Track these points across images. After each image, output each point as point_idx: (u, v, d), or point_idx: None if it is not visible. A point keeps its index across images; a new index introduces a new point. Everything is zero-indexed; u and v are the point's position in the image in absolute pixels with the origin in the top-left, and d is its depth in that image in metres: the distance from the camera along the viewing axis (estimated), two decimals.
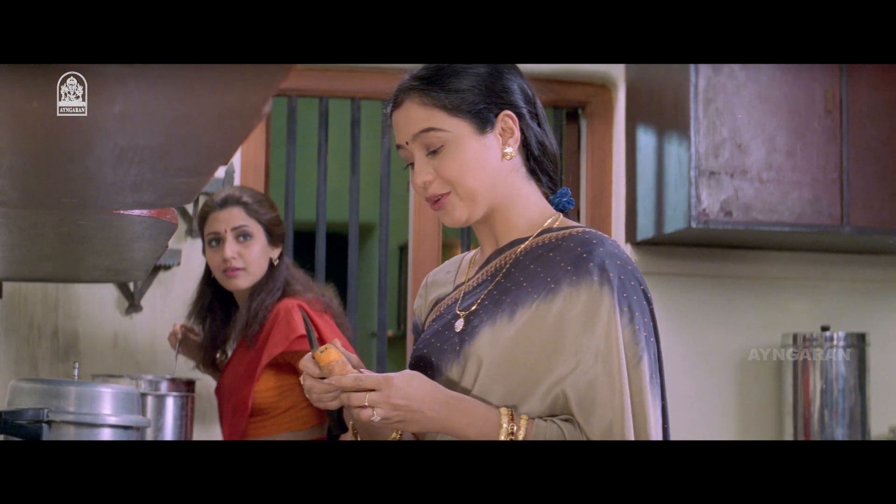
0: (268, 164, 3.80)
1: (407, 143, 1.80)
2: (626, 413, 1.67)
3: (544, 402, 1.71)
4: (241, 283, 2.95)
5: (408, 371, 1.70)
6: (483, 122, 1.78)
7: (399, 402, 1.64)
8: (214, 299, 3.08)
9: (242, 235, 2.94)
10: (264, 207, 2.98)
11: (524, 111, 1.82)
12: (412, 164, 1.82)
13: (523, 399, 1.72)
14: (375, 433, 1.83)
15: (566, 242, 1.77)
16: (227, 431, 2.95)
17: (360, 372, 1.69)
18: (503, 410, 1.70)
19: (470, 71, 1.80)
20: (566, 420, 1.70)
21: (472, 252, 1.96)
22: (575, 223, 1.84)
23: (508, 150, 1.80)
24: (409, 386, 1.66)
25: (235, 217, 2.95)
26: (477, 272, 1.87)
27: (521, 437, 1.67)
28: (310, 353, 1.72)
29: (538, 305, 1.73)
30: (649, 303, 1.77)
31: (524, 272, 1.78)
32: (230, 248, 2.93)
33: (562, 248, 1.77)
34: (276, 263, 2.98)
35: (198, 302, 3.10)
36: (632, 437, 1.67)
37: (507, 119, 1.80)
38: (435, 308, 1.91)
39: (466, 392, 1.74)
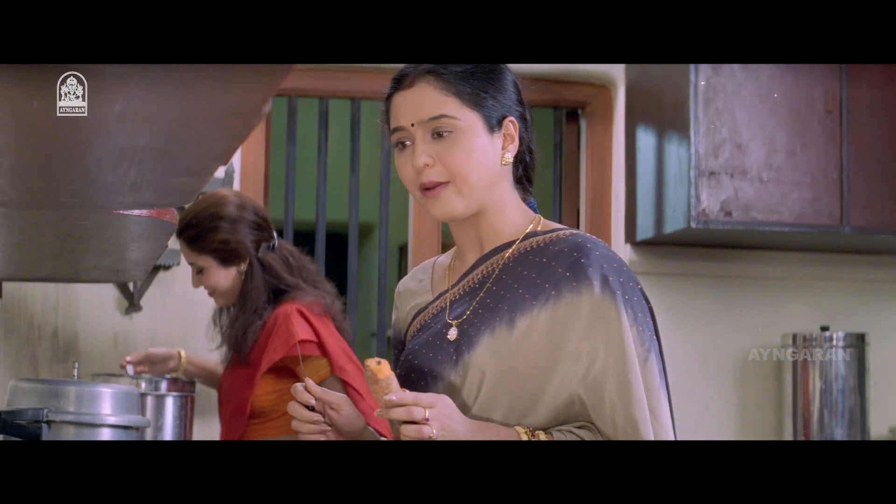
0: (268, 164, 3.80)
1: (412, 125, 1.76)
2: (645, 410, 1.68)
3: (550, 407, 1.71)
4: (219, 302, 3.02)
5: (443, 395, 1.69)
6: (492, 122, 1.77)
7: (446, 421, 1.65)
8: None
9: (197, 269, 2.97)
10: (206, 234, 2.92)
11: (520, 118, 1.82)
12: (402, 145, 1.78)
13: (528, 406, 1.71)
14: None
15: (557, 246, 1.77)
16: (225, 433, 2.95)
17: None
18: (519, 430, 1.70)
19: (485, 68, 1.78)
20: (581, 427, 1.70)
21: (445, 257, 1.94)
22: (558, 225, 1.84)
23: (508, 156, 1.79)
24: (448, 406, 1.66)
25: (186, 253, 2.99)
26: (461, 279, 1.84)
27: None
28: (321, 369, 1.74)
29: (539, 313, 1.72)
30: (648, 302, 1.77)
31: (517, 279, 1.77)
32: (193, 280, 3.01)
33: (555, 254, 1.76)
34: (243, 275, 2.95)
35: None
36: (650, 434, 1.68)
37: (510, 125, 1.79)
38: (417, 318, 1.88)
39: (469, 402, 1.74)
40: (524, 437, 1.68)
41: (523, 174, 1.85)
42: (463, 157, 1.74)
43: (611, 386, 1.68)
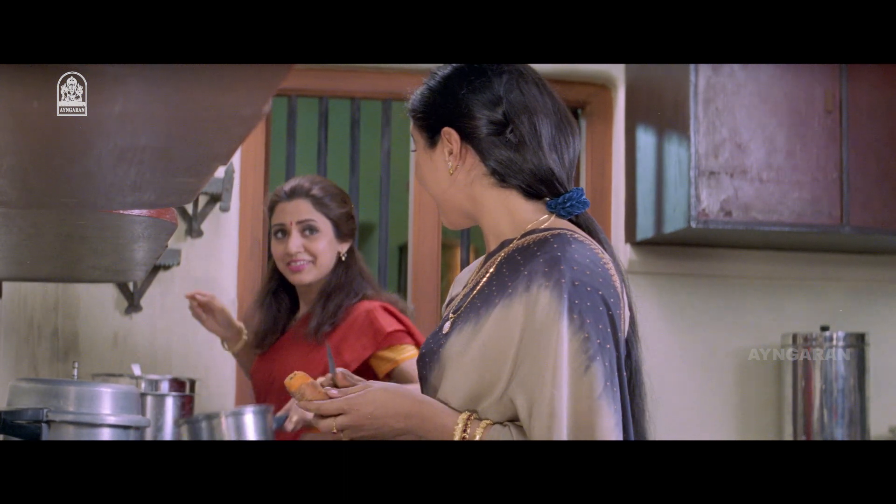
0: (268, 164, 3.80)
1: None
2: (559, 419, 1.64)
3: (499, 406, 1.72)
4: (306, 276, 2.89)
5: (368, 390, 1.75)
6: (431, 138, 1.88)
7: (363, 422, 1.72)
8: (280, 286, 3.01)
9: (308, 229, 2.88)
10: (334, 201, 2.91)
11: (477, 125, 1.82)
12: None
13: (481, 401, 1.73)
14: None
15: (534, 247, 1.76)
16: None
17: (327, 391, 1.76)
18: (461, 417, 1.72)
19: (429, 85, 1.89)
20: (519, 427, 1.70)
21: None
22: (561, 227, 1.81)
23: (450, 164, 1.86)
24: (369, 404, 1.72)
25: (302, 210, 2.89)
26: (476, 274, 1.89)
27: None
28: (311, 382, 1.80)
29: (498, 311, 1.73)
30: (609, 308, 1.70)
31: (498, 276, 1.79)
32: (294, 241, 2.87)
33: (529, 253, 1.76)
34: (343, 258, 2.91)
35: (264, 288, 3.05)
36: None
37: (446, 136, 1.86)
38: (446, 309, 1.94)
39: (437, 388, 1.78)
40: (458, 427, 1.70)
41: (506, 174, 1.83)
42: (419, 178, 1.93)
43: (533, 389, 1.66)
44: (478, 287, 1.82)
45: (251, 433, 2.61)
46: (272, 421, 2.63)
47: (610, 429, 1.66)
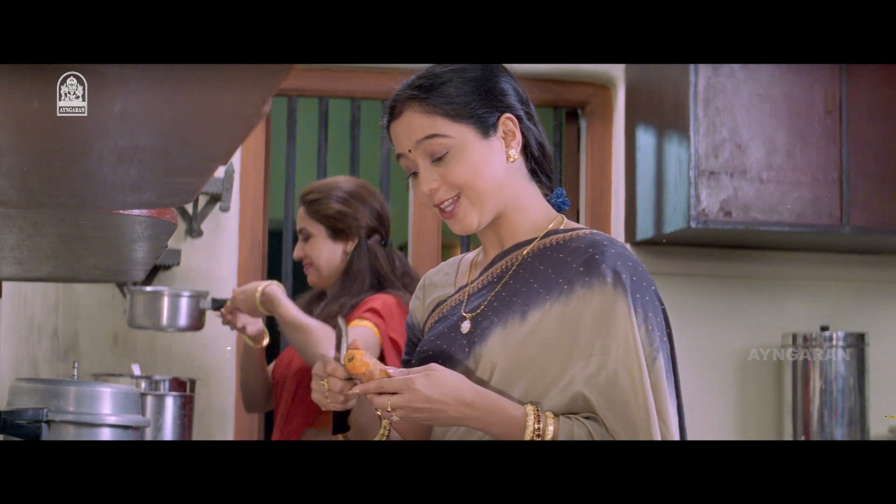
0: (268, 164, 3.80)
1: (410, 150, 1.80)
2: (651, 410, 1.68)
3: (560, 401, 1.71)
4: (311, 278, 2.95)
5: (430, 371, 1.68)
6: (485, 126, 1.79)
7: (420, 405, 1.65)
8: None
9: (305, 236, 2.94)
10: (326, 202, 2.92)
11: (521, 113, 1.83)
12: (414, 174, 1.82)
13: (539, 399, 1.72)
14: (367, 434, 1.83)
15: (575, 244, 1.78)
16: (309, 418, 2.85)
17: (385, 371, 1.69)
18: (529, 409, 1.69)
19: (465, 76, 1.80)
20: (588, 418, 1.70)
21: (472, 253, 1.97)
22: (579, 225, 1.86)
23: (512, 152, 1.81)
24: (429, 388, 1.66)
25: (300, 217, 2.96)
26: (481, 274, 1.87)
27: (549, 436, 1.67)
28: (331, 355, 1.73)
29: (551, 306, 1.74)
30: (661, 303, 1.77)
31: (534, 273, 1.78)
32: (297, 248, 2.97)
33: (572, 250, 1.78)
34: (349, 256, 2.91)
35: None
36: (657, 434, 1.68)
37: (507, 122, 1.81)
38: (436, 310, 1.91)
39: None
40: (531, 419, 1.68)
41: (536, 167, 1.86)
42: (464, 172, 1.77)
43: (616, 382, 1.69)
44: (500, 284, 1.81)
45: (183, 312, 2.91)
46: (201, 304, 2.93)
47: (673, 420, 1.72)
